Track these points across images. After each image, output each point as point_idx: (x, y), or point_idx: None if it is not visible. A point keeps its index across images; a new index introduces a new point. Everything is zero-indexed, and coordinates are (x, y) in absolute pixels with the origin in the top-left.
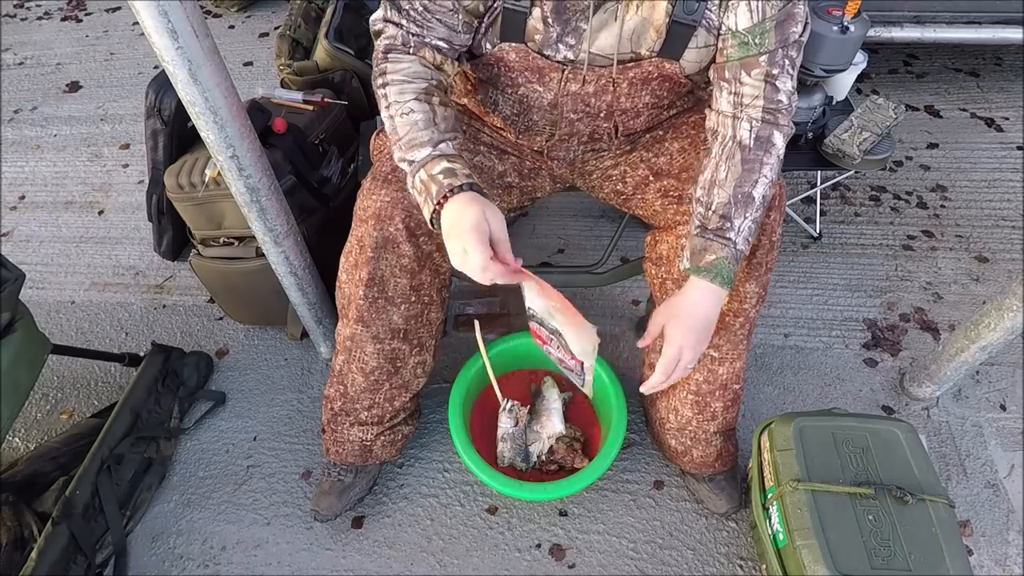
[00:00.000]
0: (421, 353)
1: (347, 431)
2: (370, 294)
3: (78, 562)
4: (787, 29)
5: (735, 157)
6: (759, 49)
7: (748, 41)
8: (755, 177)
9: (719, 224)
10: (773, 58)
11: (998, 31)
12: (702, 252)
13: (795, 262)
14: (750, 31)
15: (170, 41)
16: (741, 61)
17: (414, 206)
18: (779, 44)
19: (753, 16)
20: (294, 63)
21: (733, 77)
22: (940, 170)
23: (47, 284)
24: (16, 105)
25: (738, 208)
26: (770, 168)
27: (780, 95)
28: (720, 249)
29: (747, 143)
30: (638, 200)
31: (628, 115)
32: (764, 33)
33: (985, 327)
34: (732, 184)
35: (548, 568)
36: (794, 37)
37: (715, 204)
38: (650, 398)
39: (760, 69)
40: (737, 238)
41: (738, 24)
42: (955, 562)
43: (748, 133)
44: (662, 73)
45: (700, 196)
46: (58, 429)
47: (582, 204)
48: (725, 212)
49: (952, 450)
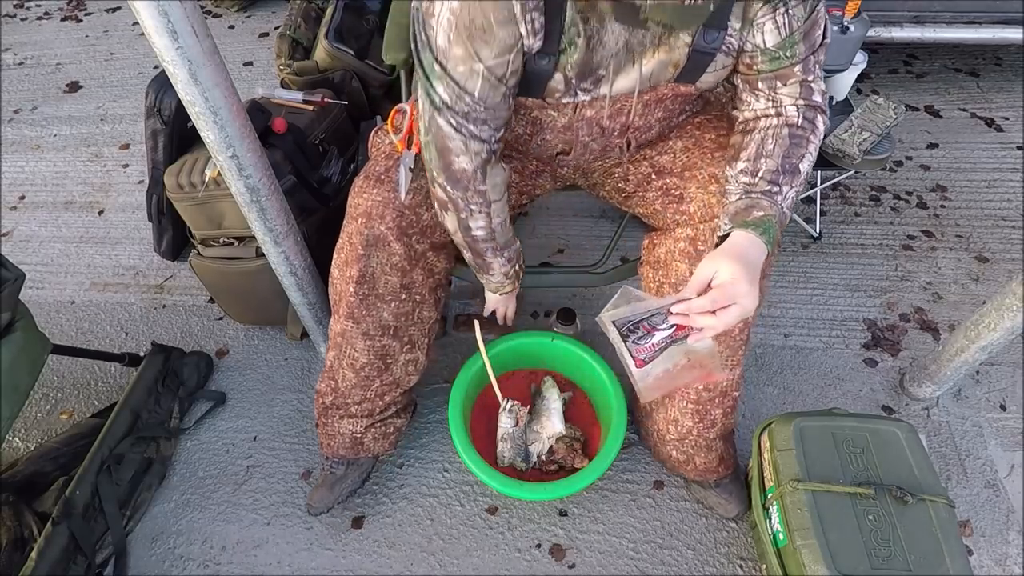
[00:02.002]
0: (412, 351)
1: (337, 424)
2: (360, 291)
3: (78, 562)
4: (814, 35)
5: (783, 131)
6: (791, 60)
7: (779, 56)
8: (802, 151)
9: (767, 188)
10: (806, 65)
11: (998, 31)
12: (748, 209)
13: (795, 262)
14: (779, 47)
15: (170, 41)
16: (775, 73)
17: (406, 206)
18: (808, 51)
19: (781, 32)
20: (294, 63)
21: (768, 88)
22: (940, 170)
23: (47, 284)
24: (16, 105)
25: (786, 176)
26: (814, 147)
27: (815, 95)
28: (769, 207)
29: (795, 121)
30: (639, 198)
31: (641, 131)
32: (793, 45)
33: (985, 327)
34: (780, 155)
35: (548, 568)
36: (819, 40)
37: (763, 171)
38: (645, 410)
39: (795, 78)
40: (783, 203)
41: (766, 43)
42: (955, 562)
43: (795, 113)
44: (676, 93)
45: (744, 167)
46: (58, 429)
47: (582, 204)
48: (773, 179)
49: (952, 450)
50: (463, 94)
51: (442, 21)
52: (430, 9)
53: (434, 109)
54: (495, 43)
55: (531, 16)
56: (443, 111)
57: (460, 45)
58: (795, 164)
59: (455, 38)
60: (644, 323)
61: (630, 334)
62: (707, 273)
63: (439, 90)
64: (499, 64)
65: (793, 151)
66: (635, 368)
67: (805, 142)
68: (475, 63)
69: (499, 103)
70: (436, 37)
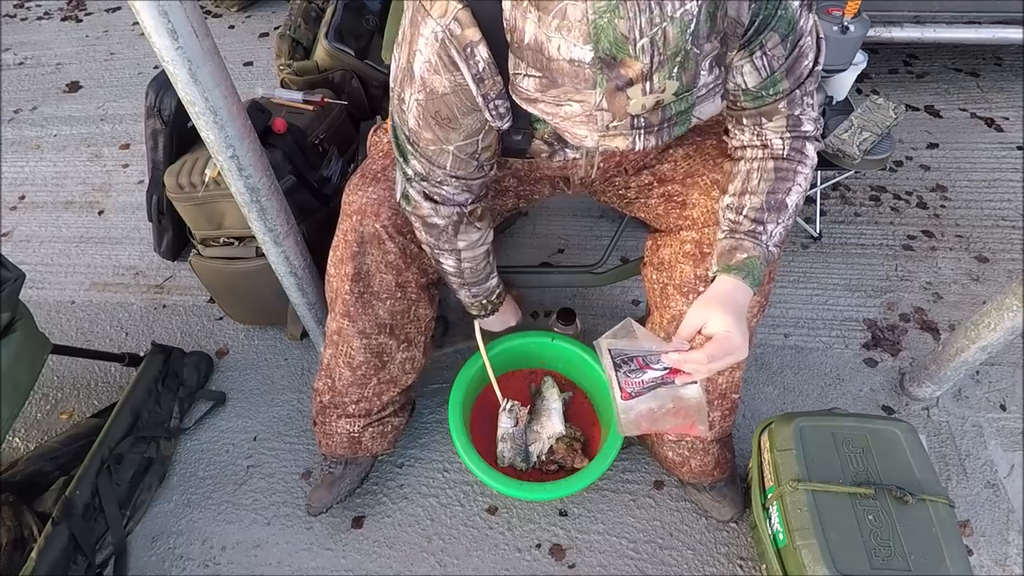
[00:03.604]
0: (409, 349)
1: (335, 423)
2: (356, 289)
3: (78, 562)
4: (799, 68)
5: (768, 164)
6: (775, 97)
7: (761, 95)
8: (788, 185)
9: (751, 228)
10: (792, 100)
11: (998, 31)
12: (732, 252)
13: (795, 262)
14: (761, 87)
15: (170, 41)
16: (759, 110)
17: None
18: (795, 85)
19: (761, 73)
20: (294, 63)
21: (753, 123)
22: (940, 170)
23: (47, 284)
24: (16, 105)
25: (771, 213)
26: (804, 177)
27: (805, 125)
28: (752, 248)
29: (781, 153)
30: (640, 204)
31: (638, 157)
32: (776, 83)
33: (985, 327)
34: (765, 191)
35: (548, 568)
36: (807, 71)
37: (747, 209)
38: None
39: (781, 114)
40: (769, 241)
41: (747, 83)
42: (955, 562)
43: (781, 145)
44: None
45: (730, 203)
46: (58, 429)
47: (582, 204)
48: (757, 216)
49: (952, 450)
50: (434, 168)
51: (411, 108)
52: (401, 95)
53: (407, 181)
54: (462, 129)
55: (494, 104)
56: (415, 182)
57: (428, 130)
58: (781, 200)
59: (423, 124)
60: (639, 358)
61: (623, 364)
62: (698, 321)
63: (412, 164)
64: (468, 144)
65: (779, 185)
66: (620, 399)
67: (792, 174)
68: (444, 144)
69: (472, 173)
70: (407, 120)
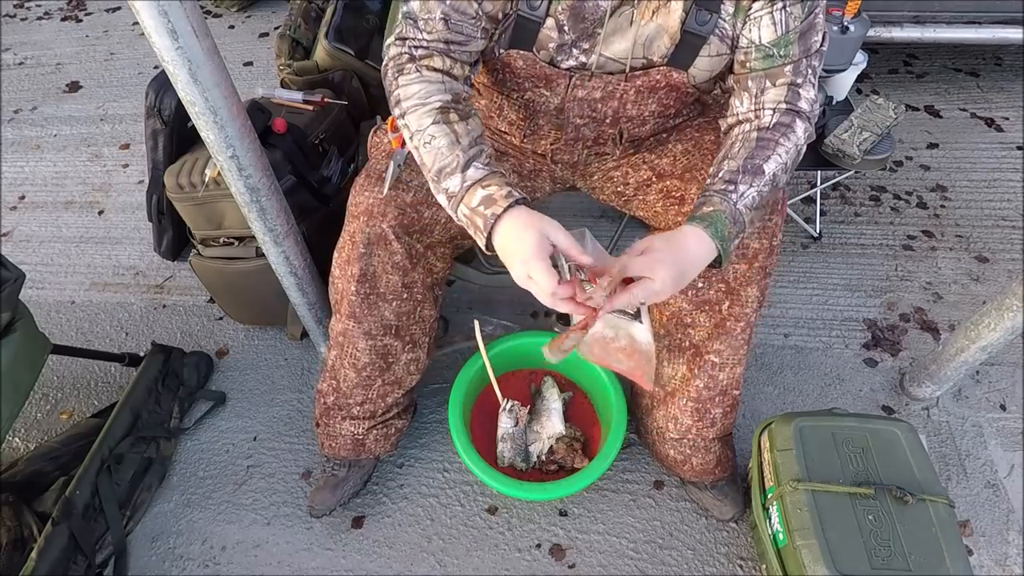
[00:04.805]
0: (414, 350)
1: (338, 425)
2: (362, 290)
3: (78, 562)
4: (809, 39)
5: (751, 135)
6: (784, 60)
7: (773, 53)
8: (768, 153)
9: (722, 187)
10: (798, 68)
11: (998, 31)
12: (700, 206)
13: (795, 262)
14: (774, 44)
15: (170, 41)
16: (766, 72)
17: (407, 204)
18: (802, 54)
19: (777, 29)
20: (294, 63)
21: (758, 87)
22: (940, 170)
23: (47, 284)
24: (16, 105)
25: (745, 175)
26: (785, 150)
27: (802, 101)
28: (719, 203)
29: (766, 125)
30: (639, 201)
31: (634, 123)
32: (788, 44)
33: (985, 327)
34: (743, 156)
35: (548, 568)
36: (816, 47)
37: (723, 172)
38: (646, 408)
39: (785, 79)
40: (739, 200)
41: (762, 38)
42: (955, 562)
43: (769, 118)
44: (669, 82)
45: (711, 171)
46: (58, 429)
47: (582, 204)
48: (731, 178)
49: (952, 450)
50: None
51: None
52: None
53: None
54: None
55: None
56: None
57: None
58: (758, 164)
59: None
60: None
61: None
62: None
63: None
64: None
65: (758, 152)
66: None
67: (774, 144)
68: None
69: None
70: None
